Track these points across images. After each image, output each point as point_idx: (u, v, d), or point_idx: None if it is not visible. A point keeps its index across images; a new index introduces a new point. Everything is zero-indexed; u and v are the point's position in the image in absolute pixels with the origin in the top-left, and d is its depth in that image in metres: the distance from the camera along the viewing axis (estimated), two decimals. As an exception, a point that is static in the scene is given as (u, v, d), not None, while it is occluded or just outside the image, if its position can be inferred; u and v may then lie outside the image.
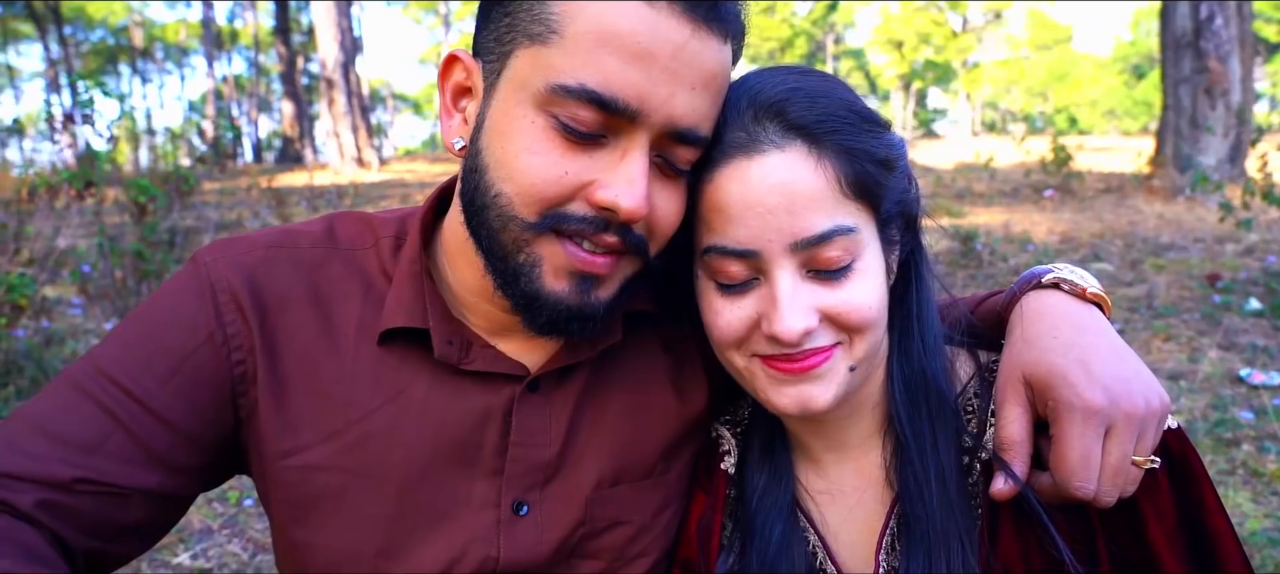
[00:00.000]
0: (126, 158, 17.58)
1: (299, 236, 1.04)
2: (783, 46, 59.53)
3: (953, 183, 12.65)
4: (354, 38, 17.45)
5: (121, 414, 0.90)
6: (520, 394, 1.00)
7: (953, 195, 11.95)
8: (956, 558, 0.92)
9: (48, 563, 0.80)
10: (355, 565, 0.97)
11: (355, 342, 0.99)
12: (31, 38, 38.91)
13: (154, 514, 0.93)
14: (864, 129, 0.90)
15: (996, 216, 9.86)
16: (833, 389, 0.92)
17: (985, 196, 11.63)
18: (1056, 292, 0.99)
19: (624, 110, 0.82)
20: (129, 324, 0.97)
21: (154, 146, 17.94)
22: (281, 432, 0.96)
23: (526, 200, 0.86)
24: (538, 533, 0.99)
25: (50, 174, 3.38)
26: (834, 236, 0.87)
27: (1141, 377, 0.89)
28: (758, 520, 1.04)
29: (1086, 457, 0.86)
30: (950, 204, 10.92)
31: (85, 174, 3.18)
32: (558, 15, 0.83)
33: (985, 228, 8.46)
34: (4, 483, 0.84)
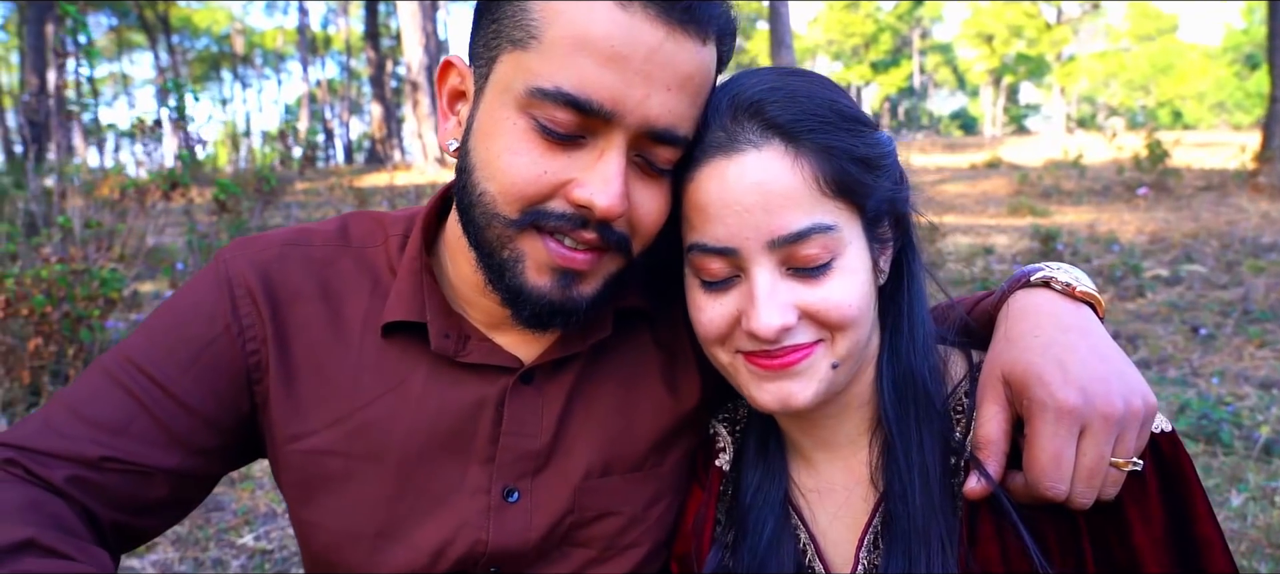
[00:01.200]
0: (227, 159, 18.41)
1: (313, 235, 1.11)
2: (866, 43, 58.43)
3: (1039, 181, 12.22)
4: (438, 41, 17.95)
5: (146, 399, 0.97)
6: (513, 385, 1.04)
7: (1038, 194, 11.56)
8: (936, 558, 0.91)
9: (73, 532, 0.87)
10: (355, 546, 1.02)
11: (361, 334, 1.05)
12: (143, 46, 41.29)
13: (176, 492, 1.00)
14: (844, 128, 0.90)
15: (1084, 216, 9.50)
16: (813, 386, 0.92)
17: (1073, 195, 11.22)
18: (1045, 290, 0.97)
19: (599, 111, 0.85)
20: (156, 316, 1.05)
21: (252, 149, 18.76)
22: (291, 417, 1.02)
23: (508, 198, 0.90)
24: (527, 519, 1.03)
25: (150, 176, 3.61)
26: (811, 234, 0.88)
27: (1123, 377, 0.86)
28: (751, 517, 1.05)
29: (1058, 457, 0.84)
30: (1035, 203, 10.57)
31: (172, 176, 3.39)
32: (537, 21, 0.86)
33: (1069, 227, 8.17)
34: (39, 459, 0.92)
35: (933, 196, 11.94)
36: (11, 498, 0.86)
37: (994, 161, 15.46)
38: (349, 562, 1.03)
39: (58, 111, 9.09)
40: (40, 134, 13.24)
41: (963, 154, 16.82)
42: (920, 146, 19.02)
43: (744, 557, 1.04)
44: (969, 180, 13.36)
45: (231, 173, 9.83)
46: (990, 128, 54.60)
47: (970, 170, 14.81)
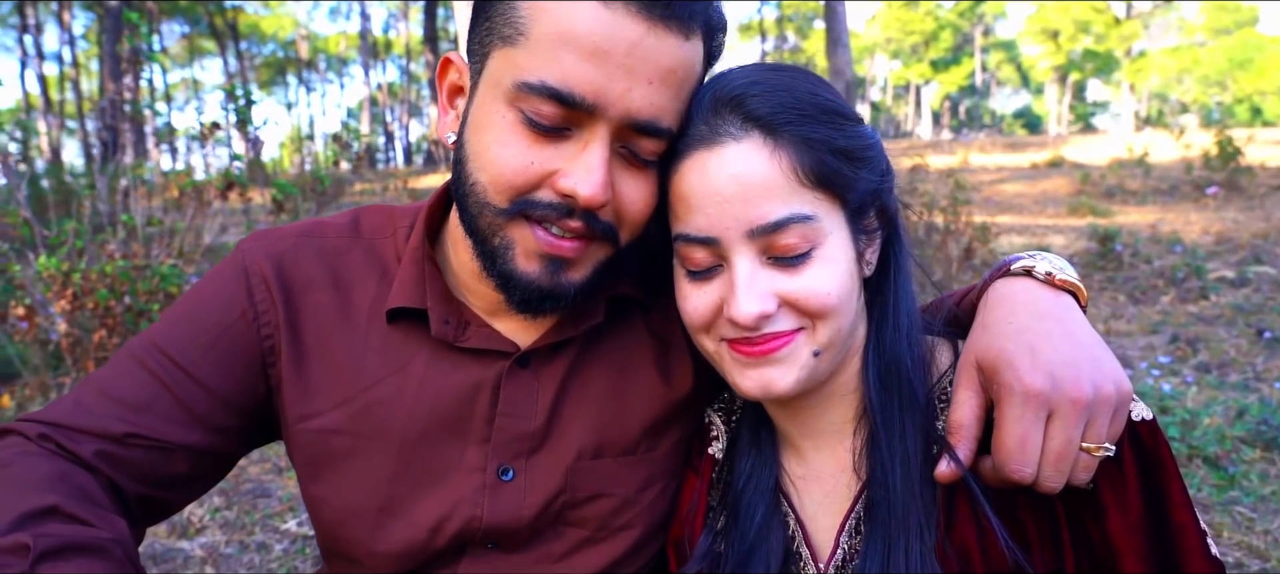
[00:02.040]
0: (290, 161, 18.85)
1: (326, 227, 1.16)
2: (926, 41, 57.43)
3: (1102, 180, 11.87)
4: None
5: (168, 380, 1.03)
6: (509, 369, 1.08)
7: (1101, 194, 11.25)
8: (914, 544, 0.92)
9: (96, 501, 0.94)
10: (359, 521, 1.07)
11: (367, 320, 1.10)
12: (213, 53, 42.75)
13: (196, 468, 1.06)
14: (824, 121, 0.92)
15: (1148, 216, 9.22)
16: (794, 373, 0.94)
17: (1138, 194, 10.88)
18: (1026, 279, 0.97)
19: (582, 104, 0.88)
20: (180, 304, 1.11)
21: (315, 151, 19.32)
22: (301, 398, 1.08)
23: (497, 188, 0.93)
24: (521, 497, 1.06)
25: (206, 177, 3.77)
26: (789, 224, 0.89)
27: (1095, 363, 0.86)
28: (742, 503, 1.08)
29: (1024, 440, 0.85)
30: (1096, 203, 10.29)
31: (228, 176, 3.54)
32: (524, 18, 0.90)
33: (1130, 228, 7.92)
34: (69, 435, 0.98)
35: (990, 196, 11.70)
36: (42, 469, 0.92)
37: (1056, 161, 15.07)
38: (354, 536, 1.08)
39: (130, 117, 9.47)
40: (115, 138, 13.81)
41: (1024, 153, 16.42)
42: (980, 146, 18.63)
43: (735, 542, 1.06)
44: (1028, 180, 13.05)
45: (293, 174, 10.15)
46: (1055, 126, 53.17)
47: (1031, 170, 14.46)
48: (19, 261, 3.44)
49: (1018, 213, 10.10)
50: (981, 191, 12.02)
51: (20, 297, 3.34)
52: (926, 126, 62.48)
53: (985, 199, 11.41)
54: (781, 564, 1.04)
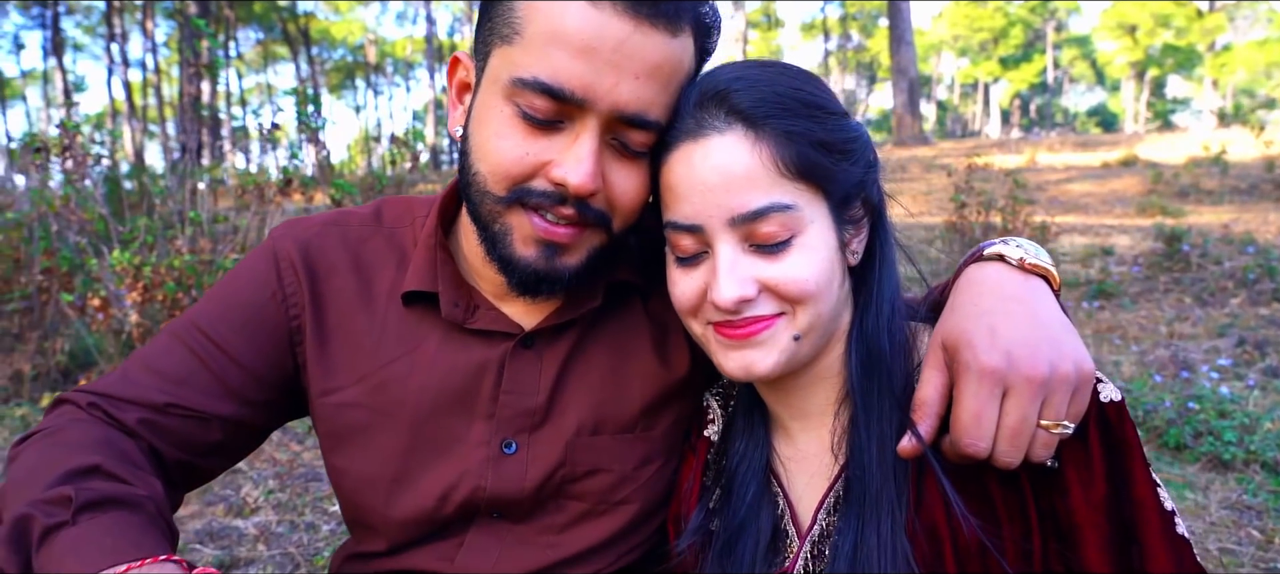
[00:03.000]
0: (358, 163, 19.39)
1: (351, 217, 1.24)
2: (995, 37, 56.04)
3: (1175, 179, 11.46)
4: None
5: (205, 355, 1.13)
6: (513, 349, 1.14)
7: (1174, 193, 10.86)
8: (886, 521, 0.96)
9: (136, 464, 1.03)
10: (374, 490, 1.15)
11: (385, 303, 1.18)
12: (286, 58, 44.17)
13: (230, 437, 1.15)
14: (805, 115, 0.95)
15: (1222, 216, 8.88)
16: (774, 356, 0.98)
17: (1214, 194, 10.47)
18: (998, 263, 1.00)
19: (572, 98, 0.94)
20: (217, 286, 1.21)
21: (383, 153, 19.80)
22: (323, 374, 1.16)
23: (496, 177, 1.00)
24: (523, 469, 1.13)
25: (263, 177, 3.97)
26: (769, 213, 0.94)
27: (1055, 343, 0.88)
28: (735, 482, 1.12)
29: (978, 416, 0.88)
30: (1168, 202, 9.94)
31: (287, 174, 3.71)
32: (520, 18, 0.96)
33: (1203, 228, 7.65)
34: (115, 404, 1.08)
35: (1055, 196, 11.40)
36: (89, 433, 1.02)
37: (1129, 159, 14.58)
38: (370, 504, 1.16)
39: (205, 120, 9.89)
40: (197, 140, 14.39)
41: (1095, 152, 15.92)
42: (1049, 144, 18.13)
43: (727, 519, 1.11)
44: (1097, 179, 12.66)
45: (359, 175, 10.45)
46: (1131, 124, 51.33)
47: (1101, 169, 14.02)
48: (96, 256, 3.66)
49: (1083, 213, 9.83)
50: (1047, 191, 11.72)
51: (97, 288, 3.56)
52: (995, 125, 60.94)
53: (1050, 199, 11.13)
54: (769, 541, 1.09)
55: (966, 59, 61.50)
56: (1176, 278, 6.27)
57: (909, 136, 19.27)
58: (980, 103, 64.17)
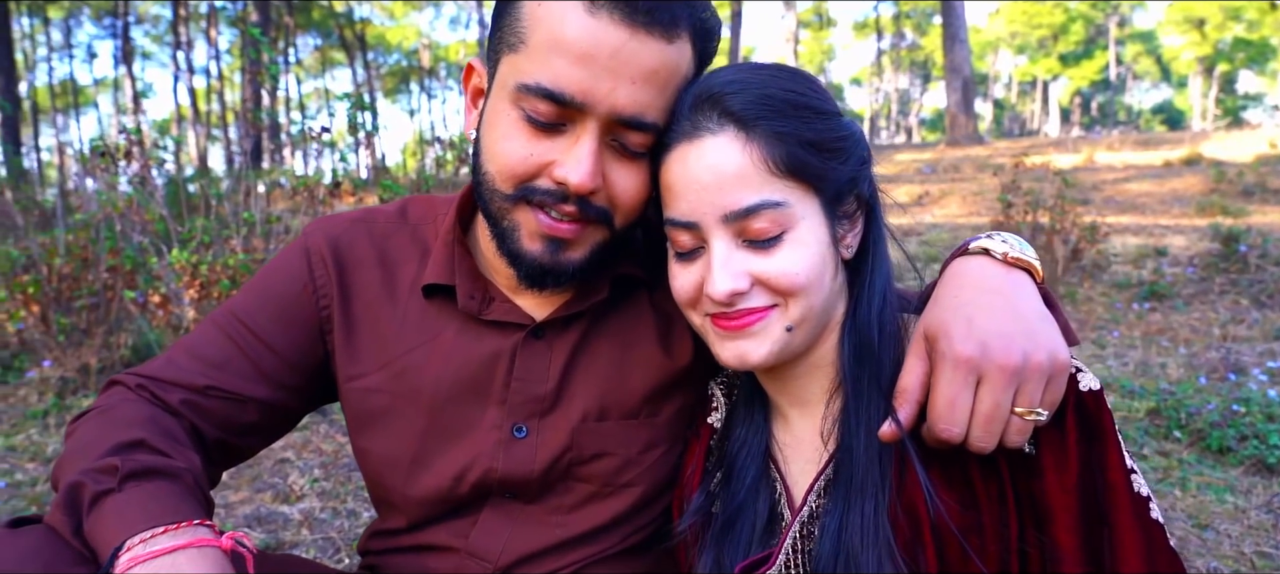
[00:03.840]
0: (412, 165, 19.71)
1: (377, 214, 1.33)
2: (1054, 34, 54.68)
3: (1240, 178, 11.08)
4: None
5: (242, 342, 1.22)
6: (524, 339, 1.21)
7: (1238, 193, 10.49)
8: (869, 503, 1.00)
9: (177, 440, 1.12)
10: (395, 470, 1.23)
11: (408, 295, 1.25)
12: (343, 64, 45.18)
13: (265, 419, 1.24)
14: (794, 116, 1.00)
15: (1291, 216, 8.57)
16: (767, 346, 1.03)
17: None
18: (982, 257, 1.03)
19: (572, 103, 1.01)
20: (255, 278, 1.30)
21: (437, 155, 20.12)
22: (350, 361, 1.24)
23: (503, 177, 1.07)
24: (532, 453, 1.19)
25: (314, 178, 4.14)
26: (760, 210, 0.98)
27: (1031, 334, 0.92)
28: (735, 467, 1.17)
29: (952, 402, 0.91)
30: (1230, 202, 9.63)
31: (336, 176, 3.86)
32: (525, 28, 1.03)
33: (1266, 229, 7.40)
34: (161, 386, 1.18)
35: (1111, 196, 11.11)
36: (137, 411, 1.11)
37: (1192, 158, 14.12)
38: (391, 483, 1.24)
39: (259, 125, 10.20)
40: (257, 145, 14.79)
41: (1157, 150, 15.45)
42: (1108, 143, 17.65)
43: (727, 500, 1.16)
44: (1157, 178, 12.30)
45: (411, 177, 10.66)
46: (1198, 122, 49.62)
47: (1162, 168, 13.61)
48: (157, 256, 3.84)
49: (1139, 213, 9.57)
50: (1102, 191, 11.43)
51: (157, 286, 3.75)
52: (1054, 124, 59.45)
53: (1105, 199, 10.85)
54: (766, 522, 1.14)
55: (1024, 56, 60.10)
56: (1233, 279, 6.08)
57: (963, 136, 18.92)
58: (1039, 101, 62.65)
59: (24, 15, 37.15)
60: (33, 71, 42.17)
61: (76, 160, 6.86)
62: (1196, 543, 2.44)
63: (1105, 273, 6.41)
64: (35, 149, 35.52)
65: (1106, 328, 5.19)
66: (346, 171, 3.94)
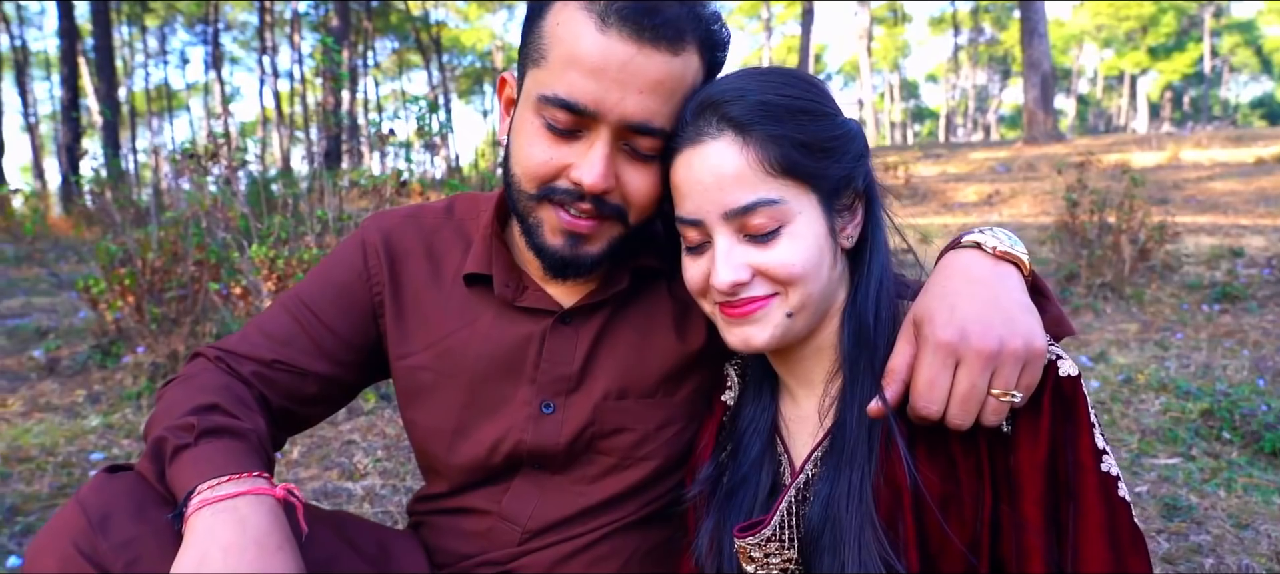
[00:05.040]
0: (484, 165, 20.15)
1: (426, 210, 1.47)
2: (1144, 26, 52.58)
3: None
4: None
5: (305, 323, 1.37)
6: (553, 324, 1.33)
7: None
8: (857, 474, 1.09)
9: (247, 405, 1.27)
10: (438, 439, 1.37)
11: (451, 283, 1.39)
12: (419, 66, 46.32)
13: (325, 392, 1.39)
14: (789, 120, 1.09)
15: (1381, 215, 8.18)
16: (769, 331, 1.13)
17: (1376, 191, 9.63)
18: (973, 250, 1.10)
19: (585, 111, 1.12)
20: (318, 267, 1.45)
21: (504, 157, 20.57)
22: (399, 341, 1.39)
23: (527, 178, 1.19)
24: (558, 427, 1.32)
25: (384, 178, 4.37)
26: (757, 207, 1.08)
27: (1009, 322, 0.99)
28: (744, 440, 1.27)
29: (932, 383, 0.99)
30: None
31: (399, 175, 4.07)
32: (546, 44, 1.15)
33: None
34: (235, 358, 1.34)
35: (1193, 194, 10.74)
36: (214, 380, 1.28)
37: (1286, 155, 13.51)
38: (435, 451, 1.38)
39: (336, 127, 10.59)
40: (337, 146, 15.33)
41: (1249, 147, 14.81)
42: (1196, 140, 16.97)
43: (733, 471, 1.26)
44: (1245, 177, 11.82)
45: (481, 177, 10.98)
46: (1298, 116, 47.02)
47: (1254, 165, 13.06)
48: (238, 251, 4.12)
49: (1220, 212, 9.23)
50: (1184, 189, 11.05)
51: (238, 278, 4.02)
52: (1142, 120, 57.18)
53: (1186, 198, 10.49)
54: (769, 492, 1.24)
55: (1111, 50, 57.91)
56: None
57: (1041, 133, 18.41)
58: (1126, 96, 60.34)
59: (123, 24, 39.23)
60: (130, 77, 44.48)
61: (169, 162, 7.31)
62: (1232, 540, 2.43)
63: (1176, 273, 6.25)
64: (133, 151, 37.48)
65: (1171, 329, 5.07)
66: (413, 172, 4.15)
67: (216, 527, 0.99)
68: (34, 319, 6.44)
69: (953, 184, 12.58)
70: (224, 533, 0.98)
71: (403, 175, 3.95)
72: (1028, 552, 1.03)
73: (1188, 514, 2.62)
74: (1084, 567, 1.01)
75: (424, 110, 4.98)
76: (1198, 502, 2.71)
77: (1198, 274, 6.20)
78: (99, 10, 19.65)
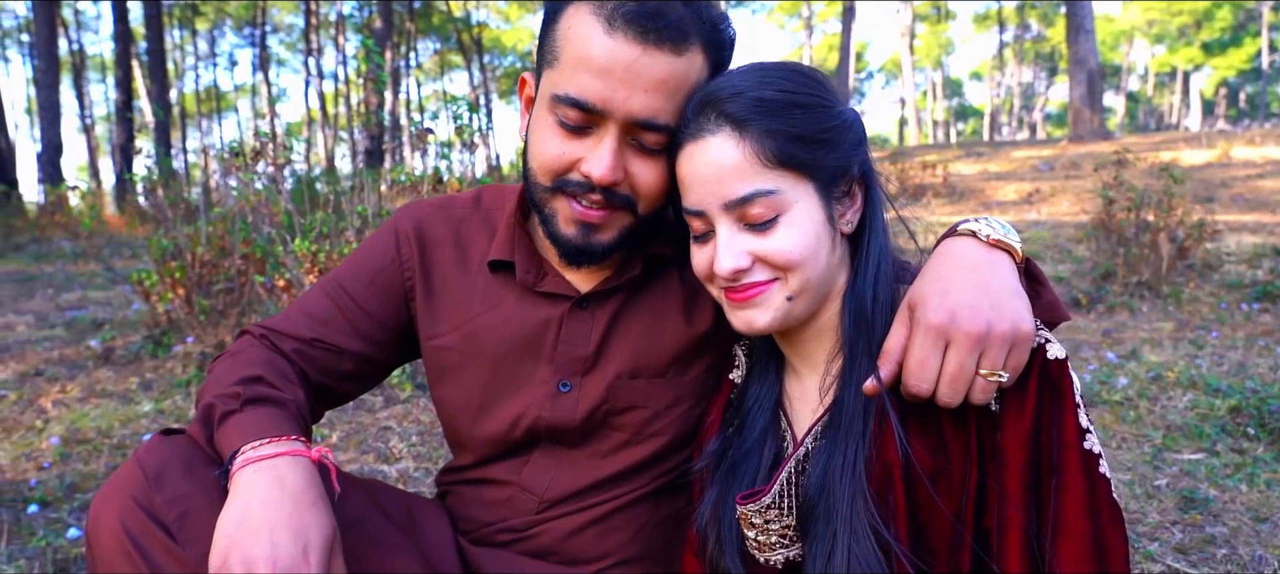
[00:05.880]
0: (522, 165, 20.26)
1: (455, 201, 1.57)
2: (1197, 21, 51.21)
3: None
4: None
5: (342, 304, 1.48)
6: (570, 308, 1.42)
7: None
8: (851, 449, 1.15)
9: (288, 379, 1.36)
10: (464, 414, 1.46)
11: (477, 269, 1.49)
12: (460, 67, 46.85)
13: (360, 369, 1.49)
14: (782, 114, 1.15)
15: None
16: (769, 314, 1.20)
17: None
18: (968, 238, 1.15)
19: (594, 109, 1.21)
20: (355, 252, 1.56)
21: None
22: (429, 323, 1.49)
23: (542, 172, 1.29)
24: (574, 405, 1.41)
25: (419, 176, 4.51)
26: (755, 198, 1.15)
27: (997, 306, 1.04)
28: (750, 416, 1.35)
29: (923, 362, 1.06)
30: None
31: (438, 173, 4.20)
32: (559, 47, 1.24)
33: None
34: (277, 336, 1.44)
35: (1241, 193, 10.50)
36: (259, 355, 1.38)
37: (1343, 153, 13.13)
38: (461, 425, 1.48)
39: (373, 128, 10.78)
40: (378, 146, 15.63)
41: (1305, 144, 14.43)
42: (1249, 138, 16.55)
43: (738, 445, 1.34)
44: (1297, 174, 11.54)
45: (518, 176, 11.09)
46: (1359, 112, 45.48)
47: (1309, 163, 12.74)
48: (282, 245, 4.29)
49: (1268, 211, 9.03)
50: (1231, 188, 10.81)
51: (282, 272, 4.18)
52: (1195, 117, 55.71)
53: (1234, 196, 10.27)
54: (771, 465, 1.31)
55: (1162, 45, 56.50)
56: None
57: (1087, 131, 18.07)
58: (1178, 93, 58.85)
59: (175, 27, 40.27)
60: (181, 79, 45.65)
61: (217, 161, 7.55)
62: (1248, 532, 2.44)
63: (1216, 272, 6.16)
64: (183, 151, 38.50)
65: (1208, 328, 5.02)
66: (453, 171, 4.27)
67: (258, 483, 1.09)
68: (90, 311, 6.73)
69: (992, 183, 12.44)
70: (264, 489, 1.08)
71: (441, 174, 4.07)
72: (1008, 522, 1.09)
73: (1205, 507, 2.63)
74: (1064, 536, 1.06)
75: (462, 110, 5.10)
76: (1217, 495, 2.72)
77: (1238, 273, 6.11)
78: (152, 14, 20.25)
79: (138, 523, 1.10)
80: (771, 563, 1.28)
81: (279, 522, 1.05)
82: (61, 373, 4.81)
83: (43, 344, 5.57)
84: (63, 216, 13.63)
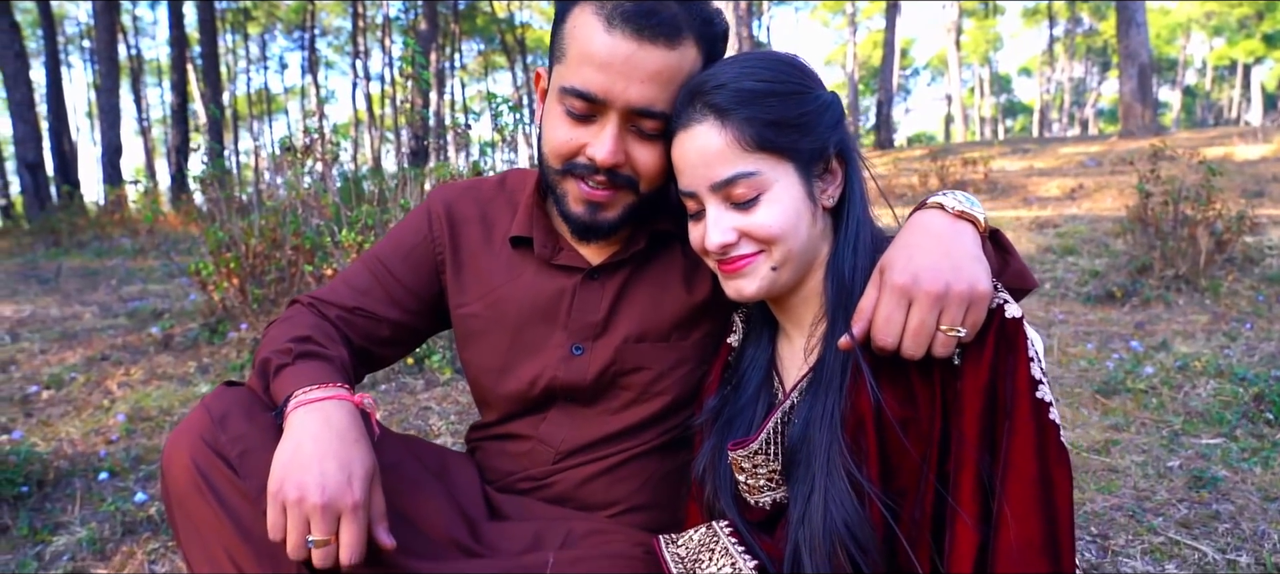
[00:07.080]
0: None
1: (483, 184, 1.73)
2: (1259, 13, 49.63)
3: None
4: (756, 43, 18.66)
5: (380, 275, 1.64)
6: (582, 279, 1.57)
7: None
8: (831, 398, 1.27)
9: (334, 341, 1.51)
10: (488, 376, 1.62)
11: (501, 244, 1.64)
12: (504, 68, 47.36)
13: (396, 335, 1.65)
14: (760, 103, 1.26)
15: None
16: (756, 282, 1.32)
17: None
18: (936, 210, 1.26)
19: (596, 99, 1.35)
20: (393, 230, 1.73)
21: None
22: (457, 293, 1.65)
23: (553, 156, 1.44)
24: (586, 366, 1.55)
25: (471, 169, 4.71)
26: (737, 180, 1.27)
27: (956, 269, 1.15)
28: (745, 375, 1.48)
29: (888, 319, 1.17)
30: None
31: (476, 168, 4.38)
32: (566, 44, 1.39)
33: None
34: (324, 304, 1.61)
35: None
36: (307, 319, 1.55)
37: (1401, 146, 12.72)
38: (487, 385, 1.63)
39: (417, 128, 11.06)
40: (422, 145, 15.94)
41: (1364, 138, 14.00)
42: (1303, 131, 16.09)
43: (733, 403, 1.47)
44: (1351, 169, 11.23)
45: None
46: None
47: (1365, 157, 12.38)
48: (330, 237, 4.51)
49: (1315, 205, 8.85)
50: (1278, 185, 10.58)
51: (330, 262, 4.40)
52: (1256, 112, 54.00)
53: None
54: (762, 420, 1.45)
55: (1221, 38, 54.88)
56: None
57: (1138, 127, 17.69)
58: (1238, 87, 57.13)
59: (228, 32, 41.38)
60: (234, 82, 46.87)
61: (269, 158, 7.86)
62: (1254, 509, 2.49)
63: (1257, 266, 6.10)
64: (235, 151, 39.54)
65: (1243, 320, 5.00)
66: (494, 168, 4.46)
67: (309, 422, 1.25)
68: (150, 302, 7.08)
69: (1036, 179, 12.30)
70: (314, 427, 1.25)
71: (480, 170, 4.26)
72: (963, 463, 1.20)
73: (1214, 486, 2.69)
74: (1013, 473, 1.17)
75: (501, 109, 5.28)
76: (1229, 475, 2.76)
77: (1278, 266, 6.04)
78: (206, 18, 20.92)
79: (206, 459, 1.27)
80: (760, 504, 1.41)
81: (327, 454, 1.21)
82: (125, 358, 5.10)
83: (107, 332, 5.89)
84: (123, 215, 14.21)
